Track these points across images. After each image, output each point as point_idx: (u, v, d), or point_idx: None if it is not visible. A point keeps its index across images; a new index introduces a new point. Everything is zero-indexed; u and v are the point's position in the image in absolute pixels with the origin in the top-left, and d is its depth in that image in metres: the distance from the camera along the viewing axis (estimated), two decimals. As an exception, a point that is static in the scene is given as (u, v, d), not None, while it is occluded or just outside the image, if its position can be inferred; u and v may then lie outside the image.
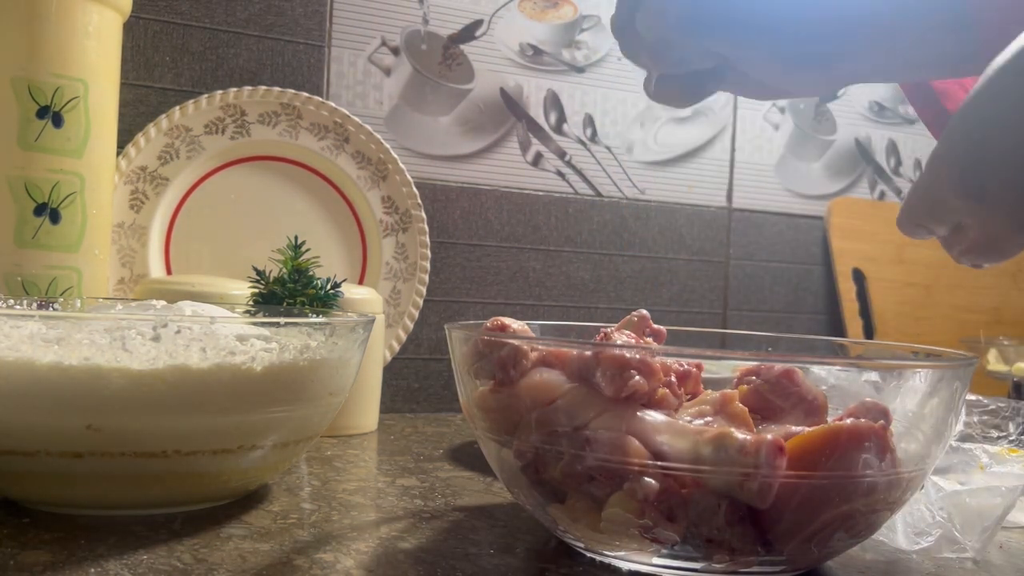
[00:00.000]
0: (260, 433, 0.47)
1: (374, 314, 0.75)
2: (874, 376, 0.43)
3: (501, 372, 0.42)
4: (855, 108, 1.22)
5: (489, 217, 1.00)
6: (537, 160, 1.02)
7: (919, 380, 0.40)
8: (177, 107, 0.84)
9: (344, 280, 0.69)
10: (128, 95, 0.84)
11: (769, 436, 0.36)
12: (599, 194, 1.06)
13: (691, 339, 0.58)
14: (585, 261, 1.05)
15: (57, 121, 0.66)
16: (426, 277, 0.93)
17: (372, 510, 0.50)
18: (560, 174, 1.04)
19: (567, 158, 1.04)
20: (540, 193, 1.03)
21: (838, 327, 1.16)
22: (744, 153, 1.14)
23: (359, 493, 0.54)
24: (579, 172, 1.04)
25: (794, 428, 0.40)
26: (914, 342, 1.14)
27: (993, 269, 1.25)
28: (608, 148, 1.06)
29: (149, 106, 0.86)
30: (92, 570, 0.38)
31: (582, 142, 1.05)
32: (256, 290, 0.66)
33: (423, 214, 0.92)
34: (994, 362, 1.05)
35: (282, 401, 0.48)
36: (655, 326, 0.48)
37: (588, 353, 0.40)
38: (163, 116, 0.84)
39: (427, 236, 0.93)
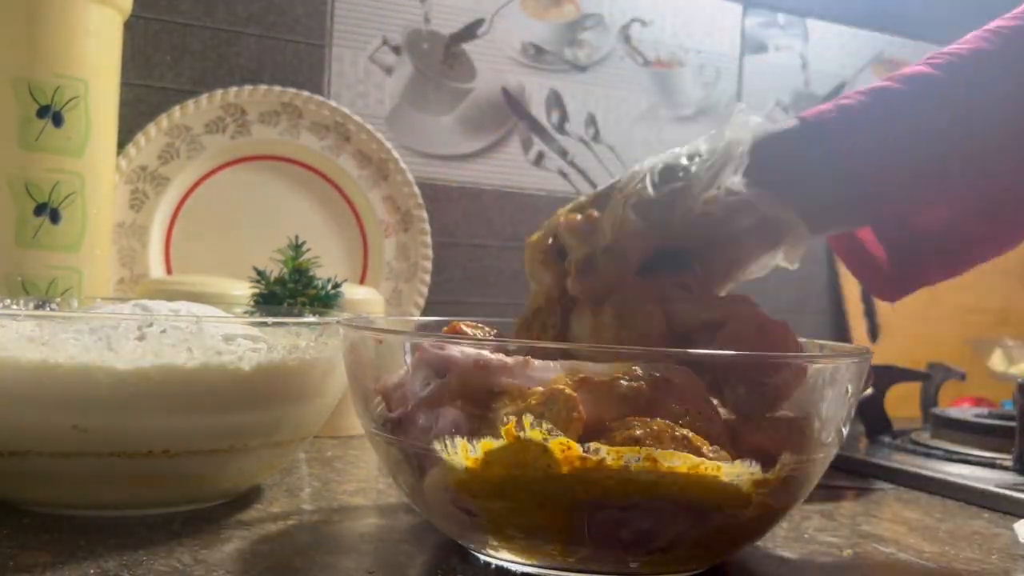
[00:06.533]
0: (250, 433, 0.47)
1: (375, 315, 0.75)
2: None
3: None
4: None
5: (491, 217, 1.00)
6: (539, 160, 1.02)
7: (817, 374, 0.41)
8: (177, 106, 0.84)
9: (345, 280, 0.69)
10: (128, 94, 0.83)
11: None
12: (601, 194, 1.05)
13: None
14: (587, 261, 1.05)
15: (57, 121, 0.66)
16: (428, 277, 0.92)
17: (373, 512, 0.50)
18: (562, 174, 1.03)
19: (569, 157, 1.03)
20: (542, 193, 1.02)
21: (842, 327, 1.16)
22: (747, 153, 1.14)
23: (360, 495, 0.54)
24: (581, 172, 1.04)
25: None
26: (919, 343, 1.13)
27: (999, 270, 1.24)
28: (610, 147, 1.06)
29: (149, 105, 0.85)
30: (92, 570, 0.37)
31: (584, 141, 1.04)
32: (257, 290, 0.66)
33: (424, 214, 0.92)
34: (998, 363, 1.05)
35: (271, 401, 0.47)
36: None
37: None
38: (163, 115, 0.84)
39: (428, 236, 0.92)
